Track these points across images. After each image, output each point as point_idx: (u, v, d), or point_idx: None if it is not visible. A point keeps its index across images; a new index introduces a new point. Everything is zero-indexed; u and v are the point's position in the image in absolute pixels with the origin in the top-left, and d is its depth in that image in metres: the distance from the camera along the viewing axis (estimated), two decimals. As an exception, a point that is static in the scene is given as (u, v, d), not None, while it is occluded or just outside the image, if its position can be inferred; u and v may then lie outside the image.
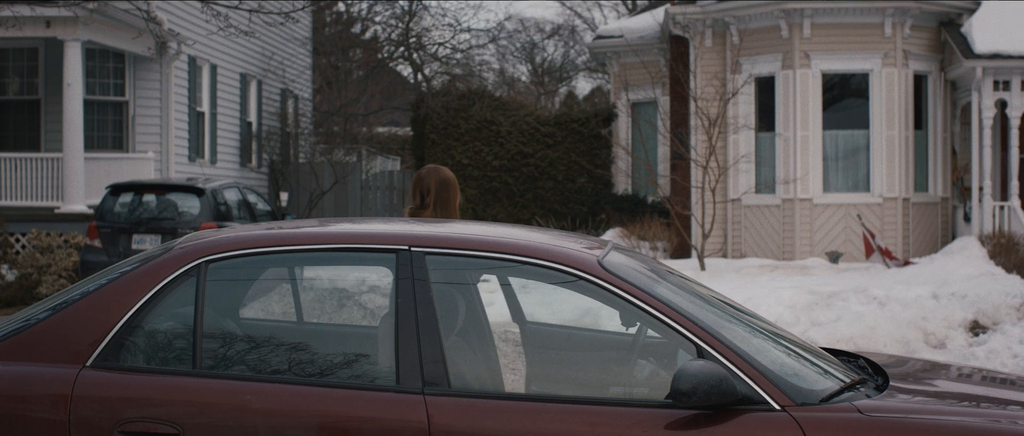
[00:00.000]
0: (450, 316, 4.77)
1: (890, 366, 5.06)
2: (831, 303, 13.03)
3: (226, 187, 15.84)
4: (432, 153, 24.12)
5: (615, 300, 4.39)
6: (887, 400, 4.37)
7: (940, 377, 5.09)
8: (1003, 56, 18.41)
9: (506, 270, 4.60)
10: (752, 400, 4.20)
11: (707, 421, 4.18)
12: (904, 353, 9.91)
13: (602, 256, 4.55)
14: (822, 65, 19.38)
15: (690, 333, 4.32)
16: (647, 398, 4.37)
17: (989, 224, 18.52)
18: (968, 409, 4.43)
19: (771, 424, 4.17)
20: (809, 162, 19.35)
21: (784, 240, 19.53)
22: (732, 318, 4.94)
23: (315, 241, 4.68)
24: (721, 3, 19.89)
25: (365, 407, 4.27)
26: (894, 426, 4.15)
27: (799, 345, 5.02)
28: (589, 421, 4.19)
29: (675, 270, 5.28)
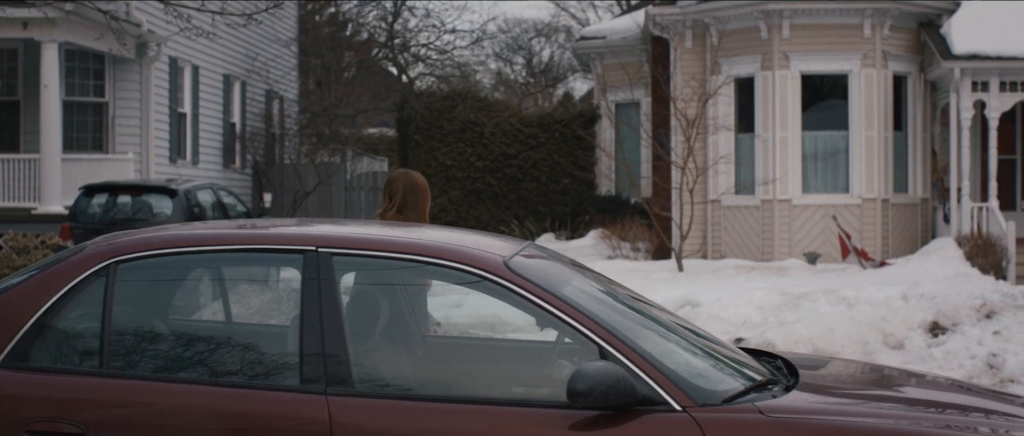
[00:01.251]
0: (363, 316, 4.78)
1: (805, 366, 5.06)
2: (799, 304, 13.02)
3: (200, 188, 15.85)
4: (416, 154, 24.13)
5: (519, 301, 4.40)
6: (791, 400, 4.38)
7: (854, 377, 5.09)
8: (981, 57, 18.40)
9: (412, 271, 4.61)
10: (653, 401, 4.21)
11: (608, 421, 4.18)
12: (862, 354, 9.91)
13: (509, 257, 4.55)
14: (801, 66, 19.38)
15: (593, 334, 4.32)
16: (551, 398, 4.37)
17: (967, 225, 18.51)
18: (871, 409, 4.43)
19: (671, 424, 4.18)
20: (788, 163, 19.35)
21: (763, 241, 19.53)
22: (645, 319, 4.94)
23: (225, 242, 4.70)
24: (700, 4, 19.90)
25: (269, 407, 4.28)
26: (793, 426, 4.16)
27: (715, 346, 5.02)
28: (492, 421, 4.21)
29: (595, 271, 5.29)
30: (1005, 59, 18.42)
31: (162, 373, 4.43)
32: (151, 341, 4.57)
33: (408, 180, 6.42)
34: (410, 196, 6.37)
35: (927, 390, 4.95)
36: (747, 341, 10.48)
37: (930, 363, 9.71)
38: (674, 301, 13.23)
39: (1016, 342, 9.97)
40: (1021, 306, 11.16)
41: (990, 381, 9.54)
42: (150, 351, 4.53)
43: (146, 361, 4.49)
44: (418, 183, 6.46)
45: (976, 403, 4.72)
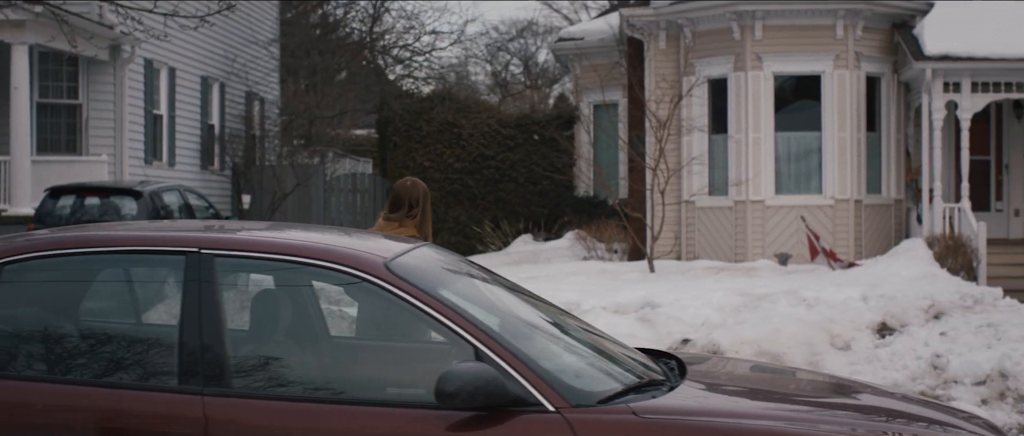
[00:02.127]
0: (244, 317, 4.79)
1: (695, 365, 5.08)
2: (759, 305, 13.02)
3: (166, 189, 15.86)
4: (394, 155, 24.15)
5: (397, 303, 4.42)
6: (668, 401, 4.39)
7: (743, 377, 5.10)
8: (953, 58, 18.39)
9: (293, 272, 4.61)
10: (526, 401, 4.22)
11: (481, 422, 4.20)
12: (808, 355, 9.91)
13: (391, 259, 4.56)
14: (774, 67, 19.38)
15: (468, 335, 4.34)
16: (429, 400, 4.37)
17: (939, 226, 18.50)
18: (748, 409, 4.44)
19: (543, 425, 4.19)
20: (761, 164, 19.35)
21: (736, 242, 19.53)
22: (535, 321, 4.96)
23: (109, 243, 4.72)
24: (673, 5, 19.90)
25: (147, 407, 4.30)
26: (663, 426, 4.18)
27: (607, 347, 5.03)
28: (368, 422, 4.23)
29: (490, 273, 5.30)
30: (977, 60, 18.40)
31: (42, 373, 4.46)
32: (34, 342, 4.58)
33: (424, 188, 6.65)
34: (426, 203, 6.60)
35: (809, 390, 4.96)
36: (694, 343, 10.49)
37: (875, 364, 9.72)
38: (635, 302, 13.24)
39: (962, 343, 9.97)
40: (969, 307, 11.17)
41: (933, 382, 9.54)
42: (32, 352, 4.55)
43: (28, 362, 4.51)
44: (427, 190, 6.72)
45: (857, 403, 4.73)
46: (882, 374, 9.51)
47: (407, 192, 6.54)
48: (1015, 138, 20.71)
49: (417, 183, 6.68)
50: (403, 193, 6.54)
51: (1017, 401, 9.27)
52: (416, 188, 6.63)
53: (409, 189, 6.58)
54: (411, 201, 6.51)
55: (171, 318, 4.55)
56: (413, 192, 6.58)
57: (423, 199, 6.59)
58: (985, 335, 10.06)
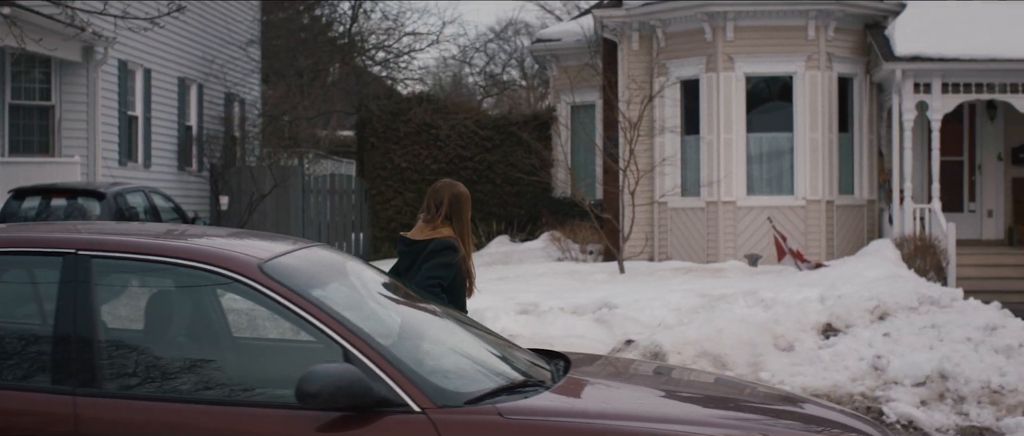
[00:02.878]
0: (119, 318, 4.80)
1: (583, 366, 5.09)
2: (716, 306, 13.01)
3: (130, 190, 15.87)
4: (371, 157, 24.16)
5: (269, 303, 4.44)
6: (537, 402, 4.40)
7: (626, 378, 5.10)
8: (923, 58, 18.39)
9: (169, 274, 4.63)
10: (392, 402, 4.24)
11: (348, 423, 4.22)
12: (751, 356, 9.92)
13: (267, 260, 4.57)
14: (746, 68, 19.39)
15: (338, 336, 4.35)
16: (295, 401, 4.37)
17: (910, 226, 18.50)
18: (614, 410, 4.45)
19: (408, 425, 4.21)
20: (733, 165, 19.35)
21: (708, 243, 19.54)
22: (415, 322, 4.98)
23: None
24: (646, 6, 19.91)
25: (19, 406, 4.32)
26: (525, 427, 4.20)
27: (494, 348, 5.05)
28: (238, 421, 4.25)
29: (374, 273, 5.32)
30: (947, 60, 18.40)
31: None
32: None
33: (453, 191, 6.63)
34: (455, 205, 6.52)
35: (688, 390, 4.97)
36: (637, 344, 10.50)
37: (817, 365, 9.73)
38: (593, 303, 13.24)
39: (904, 344, 9.97)
40: (915, 309, 11.17)
41: (874, 383, 9.55)
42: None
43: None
44: (462, 193, 6.66)
45: (735, 402, 4.74)
46: (822, 375, 9.52)
47: (432, 194, 6.63)
48: (988, 139, 20.71)
49: (446, 185, 6.69)
50: (430, 195, 6.62)
51: (956, 402, 9.28)
52: (441, 190, 6.63)
53: (436, 191, 6.66)
54: (435, 203, 6.56)
55: (47, 318, 4.56)
56: (437, 194, 6.62)
57: (450, 201, 6.56)
58: (928, 336, 10.07)
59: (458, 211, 6.57)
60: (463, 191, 6.67)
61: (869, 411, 9.08)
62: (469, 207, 6.72)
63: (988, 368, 9.44)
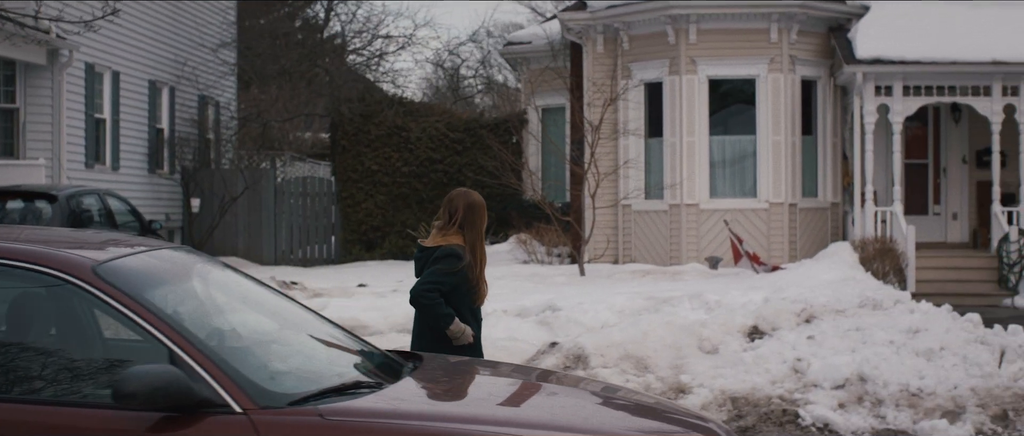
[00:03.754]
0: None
1: (429, 368, 5.11)
2: (660, 308, 13.03)
3: (85, 193, 15.89)
4: (342, 159, 24.17)
5: (102, 306, 4.46)
6: (361, 403, 4.42)
7: (467, 380, 5.12)
8: (884, 61, 18.40)
9: (3, 275, 4.64)
10: (214, 403, 4.25)
11: (171, 423, 4.24)
12: (674, 358, 9.92)
13: (104, 262, 4.58)
14: (709, 71, 19.40)
15: (164, 337, 4.37)
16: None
17: (871, 229, 18.50)
18: (437, 412, 4.46)
19: (228, 426, 4.23)
20: (695, 168, 19.36)
21: (671, 246, 19.54)
22: (257, 324, 4.99)
23: None
24: (609, 8, 19.93)
25: None
26: (342, 428, 4.22)
27: (338, 349, 5.07)
28: (62, 421, 4.27)
29: (229, 275, 5.33)
30: (908, 63, 18.42)
31: None
32: None
33: (468, 200, 6.69)
34: (469, 214, 6.57)
35: (530, 394, 4.99)
36: (561, 346, 10.50)
37: (739, 367, 9.73)
38: (538, 306, 13.24)
39: (827, 347, 9.97)
40: (841, 311, 11.16)
41: (793, 385, 9.55)
42: None
43: None
44: (476, 202, 6.68)
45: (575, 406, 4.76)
46: (743, 378, 9.52)
47: (448, 203, 6.72)
48: (953, 142, 20.71)
49: (461, 194, 6.75)
50: (445, 204, 6.69)
51: (874, 405, 9.28)
52: (456, 199, 6.70)
53: (450, 200, 6.73)
54: (450, 211, 6.62)
55: None
56: (452, 203, 6.67)
57: (464, 210, 6.60)
58: (852, 339, 10.06)
59: (472, 220, 6.61)
60: (478, 200, 6.72)
61: (785, 414, 9.09)
62: (484, 216, 6.74)
63: (908, 371, 9.44)
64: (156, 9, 23.46)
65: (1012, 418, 9.09)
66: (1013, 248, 18.15)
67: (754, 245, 19.16)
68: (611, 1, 19.86)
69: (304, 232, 24.60)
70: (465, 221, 6.60)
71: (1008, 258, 18.16)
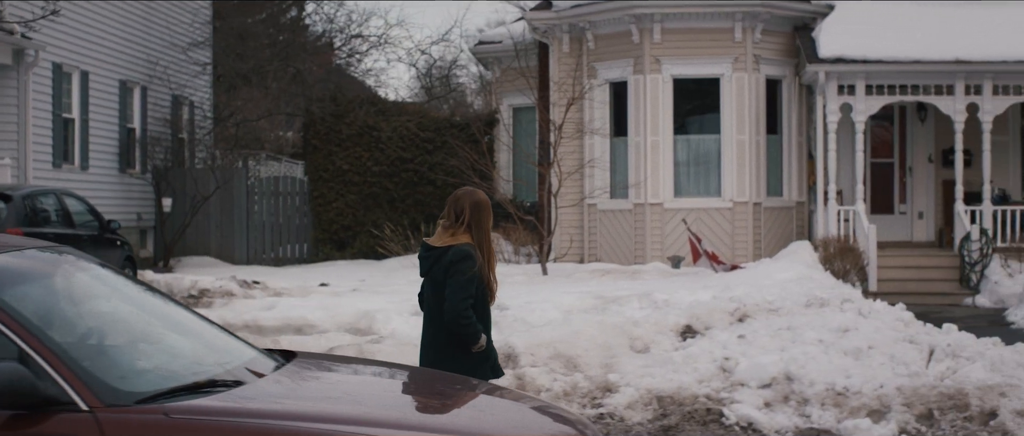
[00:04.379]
0: None
1: (291, 367, 5.13)
2: (608, 307, 13.05)
3: (42, 193, 15.89)
4: (313, 159, 24.18)
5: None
6: (208, 402, 4.44)
7: (323, 378, 5.14)
8: (847, 60, 18.43)
9: None
10: (61, 401, 4.28)
11: (17, 422, 4.26)
12: (605, 357, 9.94)
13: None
14: (673, 70, 19.41)
15: (14, 335, 4.38)
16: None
17: (834, 228, 18.52)
18: (285, 410, 4.48)
19: (73, 424, 4.25)
20: (660, 167, 19.38)
21: (636, 245, 19.55)
22: (120, 324, 5.02)
23: None
24: (575, 8, 19.94)
25: None
26: (185, 426, 4.24)
27: (204, 347, 5.09)
28: None
29: (97, 272, 5.35)
30: (871, 62, 18.45)
31: None
32: None
33: (473, 199, 6.69)
34: (475, 213, 6.56)
35: (384, 390, 5.01)
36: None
37: (668, 366, 9.75)
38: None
39: (757, 346, 9.98)
40: (774, 310, 11.18)
41: (720, 384, 9.56)
42: None
43: None
44: (482, 201, 6.69)
45: (424, 400, 4.78)
46: (671, 377, 9.54)
47: (453, 202, 6.69)
48: (919, 141, 20.73)
49: (467, 193, 6.72)
50: (451, 202, 6.69)
51: (800, 404, 9.30)
52: (463, 198, 6.67)
53: (457, 199, 6.68)
54: (456, 210, 6.62)
55: None
56: (458, 202, 6.64)
57: (471, 209, 6.59)
58: (782, 338, 10.07)
59: (478, 219, 6.60)
60: (483, 199, 6.71)
61: (709, 413, 9.11)
62: (490, 215, 6.73)
63: (835, 370, 9.45)
64: (127, 9, 23.46)
65: (937, 417, 9.11)
66: (974, 247, 18.17)
67: (718, 244, 19.19)
68: (576, 0, 19.88)
69: (276, 232, 24.61)
70: (472, 220, 6.59)
71: (969, 257, 18.18)
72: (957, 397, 9.22)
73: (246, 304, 14.33)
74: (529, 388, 9.41)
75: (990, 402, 9.20)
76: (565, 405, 9.28)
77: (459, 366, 6.41)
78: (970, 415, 9.11)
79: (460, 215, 6.56)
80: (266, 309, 13.46)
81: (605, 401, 9.35)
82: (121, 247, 17.05)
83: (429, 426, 4.45)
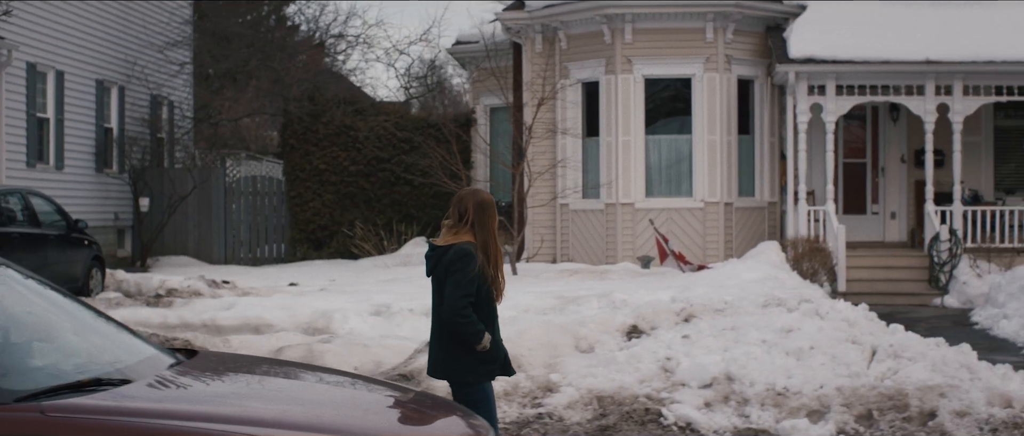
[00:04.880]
0: None
1: (184, 366, 5.15)
2: (566, 308, 13.08)
3: (7, 192, 15.90)
4: (290, 158, 24.20)
5: None
6: (87, 400, 4.46)
7: (222, 377, 5.16)
8: (817, 60, 18.44)
9: None
10: (-61, 400, 4.30)
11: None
12: (549, 356, 9.95)
13: None
14: (644, 70, 19.43)
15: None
16: None
17: (805, 228, 18.54)
18: (165, 409, 4.50)
19: None
20: (631, 167, 19.39)
21: (607, 244, 19.57)
22: (15, 323, 5.05)
23: None
24: (547, 8, 19.96)
25: None
26: (60, 425, 4.27)
27: (97, 346, 5.11)
28: None
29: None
30: (841, 62, 18.46)
31: None
32: None
33: (477, 198, 6.70)
34: (479, 213, 6.57)
35: (277, 389, 5.04)
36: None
37: (612, 366, 9.76)
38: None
39: (700, 346, 9.99)
40: (720, 310, 11.19)
41: (662, 385, 9.57)
42: None
43: None
44: (486, 200, 6.72)
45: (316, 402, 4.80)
46: (613, 377, 9.55)
47: (457, 202, 6.68)
48: (892, 141, 20.75)
49: (471, 193, 6.74)
50: (455, 202, 6.72)
51: (740, 404, 9.31)
52: (467, 198, 6.68)
53: (460, 199, 6.68)
54: (460, 211, 6.64)
55: None
56: (462, 202, 6.65)
57: (475, 209, 6.59)
58: (726, 339, 10.08)
59: (482, 219, 6.60)
60: (487, 198, 6.73)
61: (648, 413, 9.12)
62: (494, 214, 6.72)
63: (777, 370, 9.47)
64: (104, 9, 23.48)
65: (876, 418, 9.12)
66: (943, 247, 18.19)
67: (690, 245, 19.21)
68: (548, 1, 19.89)
69: (255, 232, 24.63)
70: (476, 219, 6.58)
71: (938, 258, 18.20)
72: (896, 397, 9.23)
73: (206, 303, 14.35)
74: (471, 388, 9.40)
75: (930, 402, 9.21)
76: (504, 405, 9.29)
77: (464, 366, 6.47)
78: (909, 415, 9.12)
79: (463, 215, 6.58)
80: (225, 308, 13.48)
81: (545, 401, 9.36)
82: (89, 247, 17.05)
83: (309, 425, 4.46)
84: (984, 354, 13.20)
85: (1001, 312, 15.16)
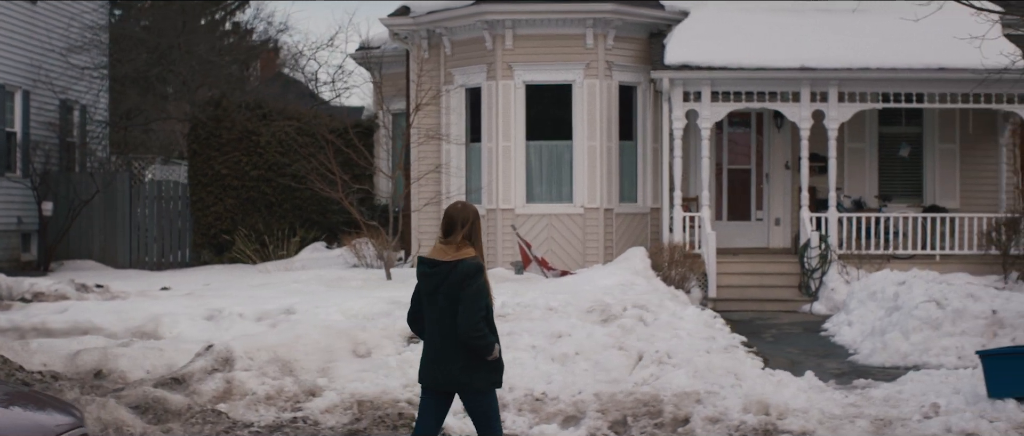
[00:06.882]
0: None
1: None
2: (393, 312, 13.12)
3: None
4: (194, 163, 24.21)
5: None
6: None
7: None
8: (692, 67, 18.51)
9: None
10: None
11: None
12: (324, 361, 10.01)
13: None
14: (525, 76, 19.51)
15: None
16: None
17: (680, 234, 18.61)
18: None
19: None
20: (512, 173, 19.46)
21: (488, 250, 19.61)
22: None
23: None
24: (430, 14, 20.02)
25: None
26: None
27: None
28: None
29: None
30: (716, 69, 18.52)
31: None
32: None
33: (474, 211, 6.94)
34: (474, 226, 6.85)
35: None
36: (214, 348, 10.56)
37: (382, 371, 9.82)
38: (277, 310, 13.30)
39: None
40: (502, 315, 11.25)
41: (425, 389, 9.64)
42: None
43: None
44: (476, 212, 6.99)
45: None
46: (380, 382, 9.62)
47: (460, 215, 6.85)
48: (776, 148, 20.84)
49: (467, 206, 6.99)
50: (456, 216, 6.85)
51: (499, 408, 9.37)
52: (466, 210, 6.92)
53: (461, 212, 6.88)
54: (460, 223, 6.74)
55: None
56: (465, 214, 6.88)
57: (473, 218, 6.87)
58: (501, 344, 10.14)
59: (477, 231, 6.85)
60: (476, 210, 6.96)
61: (401, 417, 9.18)
62: (480, 226, 6.96)
63: (539, 376, 9.54)
64: (7, 12, 23.50)
65: (630, 423, 9.19)
66: (813, 254, 18.27)
67: (570, 250, 19.30)
68: (432, 6, 19.96)
69: (160, 236, 24.65)
70: (473, 232, 6.80)
71: (809, 264, 18.28)
72: (652, 403, 9.30)
73: (44, 307, 14.42)
74: (236, 392, 9.48)
75: (685, 408, 9.29)
76: (264, 409, 9.35)
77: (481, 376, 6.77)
78: (662, 422, 9.20)
79: (464, 226, 6.68)
80: (58, 312, 13.54)
81: (306, 405, 9.42)
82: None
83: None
84: (813, 360, 13.36)
85: (847, 318, 15.25)
